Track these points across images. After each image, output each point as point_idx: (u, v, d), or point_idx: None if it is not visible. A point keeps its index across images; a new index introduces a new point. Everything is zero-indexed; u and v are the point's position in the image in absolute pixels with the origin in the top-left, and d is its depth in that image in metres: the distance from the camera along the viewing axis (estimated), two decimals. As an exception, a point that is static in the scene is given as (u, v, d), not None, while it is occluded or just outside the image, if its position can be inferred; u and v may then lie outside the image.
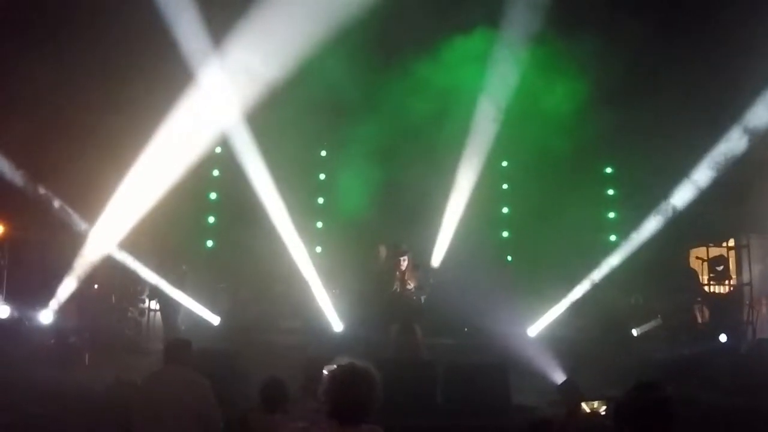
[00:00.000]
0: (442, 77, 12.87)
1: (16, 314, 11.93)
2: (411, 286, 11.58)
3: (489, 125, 13.34)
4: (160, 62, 11.76)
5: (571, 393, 9.69)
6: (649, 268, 13.01)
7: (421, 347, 11.47)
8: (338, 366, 3.83)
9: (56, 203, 12.23)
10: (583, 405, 5.14)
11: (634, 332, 12.58)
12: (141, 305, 13.45)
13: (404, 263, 11.61)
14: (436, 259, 13.53)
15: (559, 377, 10.35)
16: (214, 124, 12.69)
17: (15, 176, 11.94)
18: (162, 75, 11.78)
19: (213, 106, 12.27)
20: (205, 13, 11.75)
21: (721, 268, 13.59)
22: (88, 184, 12.12)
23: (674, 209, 12.77)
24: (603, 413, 3.98)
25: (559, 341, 11.94)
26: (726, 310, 13.17)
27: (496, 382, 9.48)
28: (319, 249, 14.94)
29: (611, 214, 15.67)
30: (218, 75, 12.07)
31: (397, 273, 11.62)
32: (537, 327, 12.90)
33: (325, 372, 4.20)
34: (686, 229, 13.05)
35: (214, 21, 11.82)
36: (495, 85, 13.20)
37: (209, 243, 15.41)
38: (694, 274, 12.74)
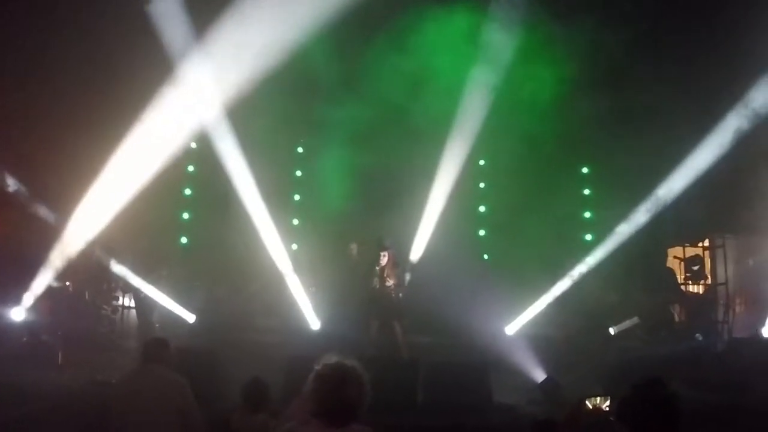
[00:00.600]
0: (423, 64, 12.75)
1: (-14, 312, 11.67)
2: (390, 283, 11.49)
3: (472, 117, 13.26)
4: (139, 55, 11.55)
5: (553, 391, 9.78)
6: (626, 267, 13.05)
7: (401, 345, 11.39)
8: (325, 365, 3.71)
9: (28, 197, 11.94)
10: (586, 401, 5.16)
11: (612, 331, 12.62)
12: (114, 302, 13.24)
13: (384, 259, 11.50)
14: (414, 256, 13.43)
15: (538, 375, 10.38)
16: (191, 119, 12.45)
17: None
18: (141, 68, 11.57)
19: (190, 99, 12.06)
20: (185, 5, 11.58)
21: (697, 267, 13.68)
22: (64, 179, 11.89)
23: (652, 208, 12.80)
24: (606, 409, 3.95)
25: (537, 340, 11.89)
26: (701, 309, 13.26)
27: (477, 381, 9.45)
28: (294, 246, 14.80)
29: (587, 214, 15.75)
30: (197, 68, 11.87)
31: (377, 269, 11.51)
32: (515, 325, 12.87)
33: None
34: (663, 228, 13.07)
35: (194, 12, 11.64)
36: (481, 72, 13.08)
37: (183, 240, 15.23)
38: (671, 274, 12.80)
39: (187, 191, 15.34)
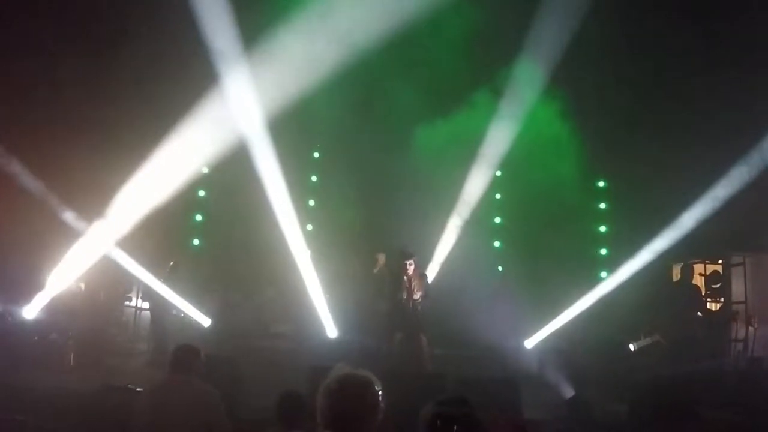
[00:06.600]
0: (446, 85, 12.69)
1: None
2: (418, 295, 11.27)
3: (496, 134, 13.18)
4: (181, 65, 11.45)
5: (581, 409, 9.57)
6: (646, 284, 12.88)
7: (426, 358, 11.15)
8: (332, 377, 3.64)
9: (49, 196, 11.71)
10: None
11: (631, 347, 12.44)
12: (128, 303, 13.03)
13: (410, 268, 11.24)
14: (435, 266, 13.26)
15: (564, 391, 10.19)
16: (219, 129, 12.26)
17: (8, 165, 11.44)
18: (182, 77, 11.44)
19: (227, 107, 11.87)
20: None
21: (718, 285, 13.51)
22: (87, 181, 11.68)
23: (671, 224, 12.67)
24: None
25: (558, 354, 11.77)
26: (720, 327, 13.08)
27: (507, 396, 9.21)
28: (310, 252, 14.58)
29: (602, 228, 15.64)
30: (238, 77, 11.68)
31: (405, 279, 11.26)
32: (534, 339, 12.71)
33: None
34: (682, 245, 12.90)
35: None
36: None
37: (195, 241, 15.04)
38: (697, 291, 12.60)
39: (201, 192, 15.12)
